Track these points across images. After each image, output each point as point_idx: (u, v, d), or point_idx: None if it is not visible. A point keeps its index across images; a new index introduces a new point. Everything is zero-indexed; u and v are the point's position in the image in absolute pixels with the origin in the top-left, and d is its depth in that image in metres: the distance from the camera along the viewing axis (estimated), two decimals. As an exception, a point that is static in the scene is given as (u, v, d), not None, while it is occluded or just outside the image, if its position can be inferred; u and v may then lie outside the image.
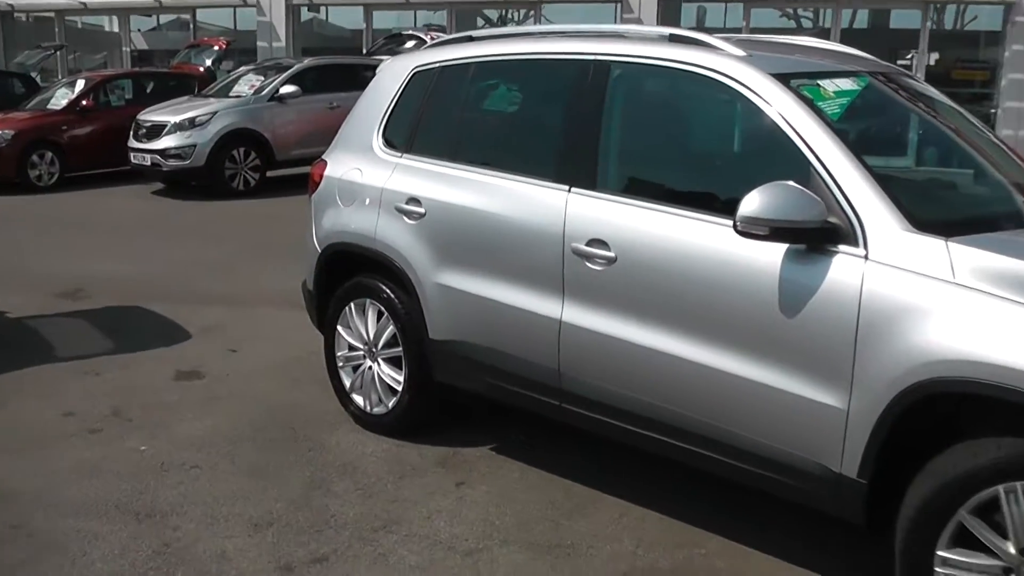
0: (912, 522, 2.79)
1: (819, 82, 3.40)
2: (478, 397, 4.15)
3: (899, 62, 14.83)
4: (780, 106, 3.19)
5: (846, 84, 3.48)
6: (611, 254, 3.43)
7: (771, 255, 3.04)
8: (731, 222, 3.02)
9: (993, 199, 3.72)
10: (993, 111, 16.01)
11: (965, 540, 2.74)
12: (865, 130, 3.67)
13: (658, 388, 3.37)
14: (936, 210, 3.35)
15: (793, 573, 3.35)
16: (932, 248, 2.83)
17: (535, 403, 3.83)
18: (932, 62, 16.67)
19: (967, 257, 2.78)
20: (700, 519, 3.66)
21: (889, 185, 3.02)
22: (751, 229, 2.96)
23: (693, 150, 3.73)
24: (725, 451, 3.24)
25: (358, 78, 10.61)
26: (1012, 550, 2.67)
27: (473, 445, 4.34)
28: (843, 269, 2.92)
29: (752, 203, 2.94)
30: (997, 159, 3.83)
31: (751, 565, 3.39)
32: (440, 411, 4.44)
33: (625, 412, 3.49)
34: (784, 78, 3.29)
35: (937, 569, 2.77)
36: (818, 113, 3.18)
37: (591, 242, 3.49)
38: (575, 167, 3.64)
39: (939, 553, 2.76)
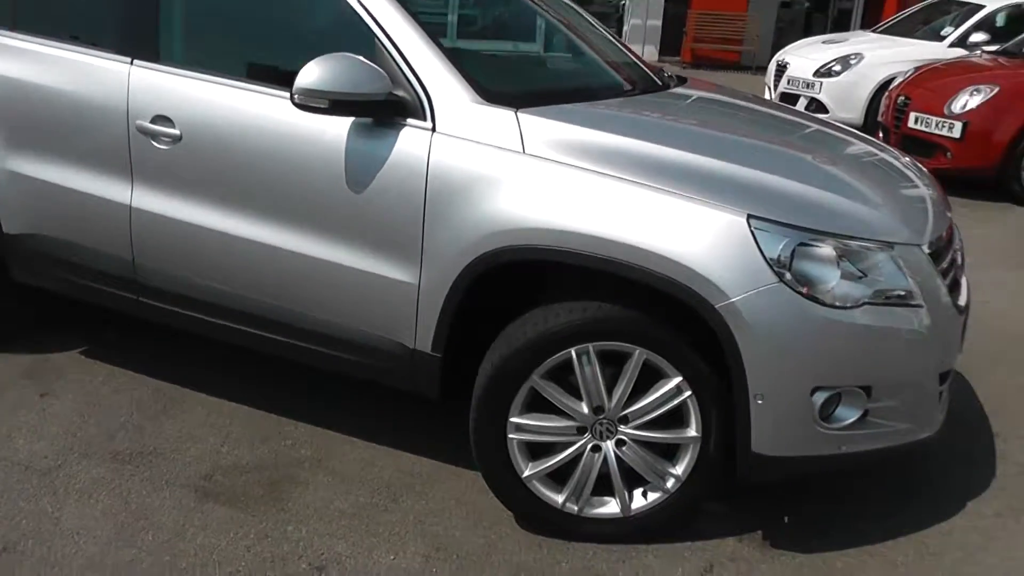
0: (485, 390, 2.82)
1: None
2: (62, 296, 3.78)
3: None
4: None
5: None
6: (176, 131, 3.17)
7: (337, 129, 2.92)
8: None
9: (586, 75, 3.80)
10: (623, 3, 16.71)
11: (539, 405, 2.81)
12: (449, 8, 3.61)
13: (231, 274, 3.20)
14: (510, 84, 3.36)
15: (373, 451, 3.38)
16: (501, 119, 2.82)
17: (114, 299, 3.54)
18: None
19: (537, 127, 2.80)
20: (286, 409, 3.61)
21: (459, 59, 2.97)
22: (309, 102, 2.81)
23: (258, 22, 3.47)
24: (301, 335, 3.15)
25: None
26: (585, 409, 2.78)
27: (63, 350, 4.02)
28: (410, 142, 2.85)
29: (310, 75, 2.78)
30: (594, 40, 3.90)
31: (335, 449, 3.39)
32: (31, 316, 4.10)
33: (201, 302, 3.30)
34: None
35: (511, 436, 2.83)
36: None
37: (156, 119, 3.21)
38: (137, 38, 3.31)
39: (512, 419, 2.81)
